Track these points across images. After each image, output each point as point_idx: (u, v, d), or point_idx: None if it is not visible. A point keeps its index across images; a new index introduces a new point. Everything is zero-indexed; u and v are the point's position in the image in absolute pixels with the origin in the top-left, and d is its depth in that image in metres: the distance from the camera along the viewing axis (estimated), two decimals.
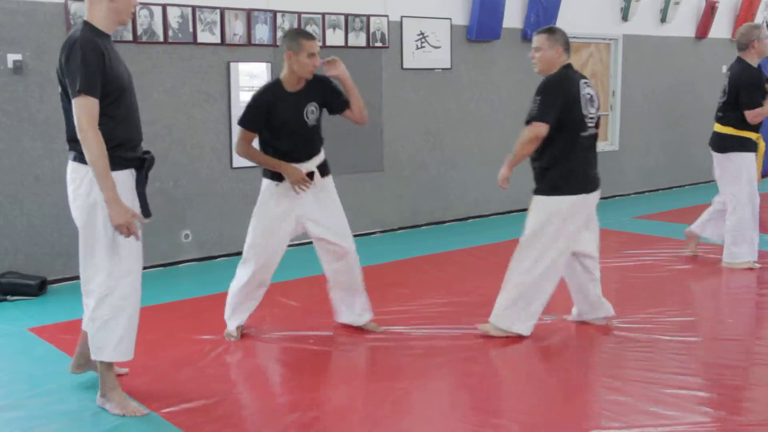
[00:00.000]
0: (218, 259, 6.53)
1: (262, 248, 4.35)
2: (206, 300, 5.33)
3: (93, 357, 3.46)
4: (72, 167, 3.36)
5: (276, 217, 4.32)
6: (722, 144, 5.91)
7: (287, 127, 4.23)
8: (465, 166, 8.19)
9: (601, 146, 9.47)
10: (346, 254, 4.44)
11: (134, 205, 3.39)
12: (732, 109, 5.80)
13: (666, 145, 10.39)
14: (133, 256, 3.43)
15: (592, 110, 4.27)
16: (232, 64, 6.40)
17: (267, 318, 4.85)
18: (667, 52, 10.17)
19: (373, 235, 7.50)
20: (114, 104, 3.29)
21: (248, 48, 6.51)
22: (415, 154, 7.80)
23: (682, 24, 10.26)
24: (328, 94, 4.34)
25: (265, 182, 4.39)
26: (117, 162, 3.28)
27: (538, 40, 4.34)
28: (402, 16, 7.47)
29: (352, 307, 4.58)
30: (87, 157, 3.18)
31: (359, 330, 4.58)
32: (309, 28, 6.78)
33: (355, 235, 7.28)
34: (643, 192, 10.17)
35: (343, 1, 7.05)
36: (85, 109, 3.15)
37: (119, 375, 3.70)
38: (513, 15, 8.31)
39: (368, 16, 7.20)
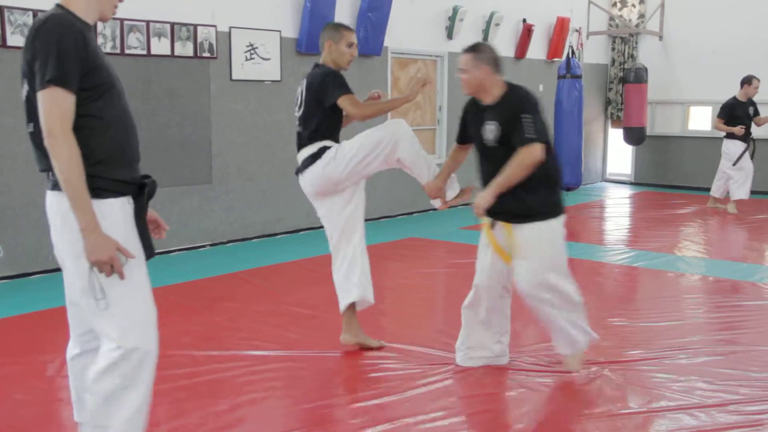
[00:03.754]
0: (33, 276, 6.15)
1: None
2: (19, 320, 5.00)
3: None
4: (52, 198, 2.53)
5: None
6: None
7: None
8: (295, 178, 8.16)
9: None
10: None
11: (128, 243, 2.52)
12: None
13: None
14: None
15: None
16: None
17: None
18: None
19: (202, 249, 7.33)
20: (101, 101, 2.49)
21: None
22: (244, 166, 7.71)
23: (503, 44, 10.80)
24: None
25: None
26: (103, 185, 2.48)
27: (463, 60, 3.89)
28: (231, 27, 7.39)
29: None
30: (58, 171, 2.37)
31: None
32: (132, 36, 6.56)
33: (182, 249, 7.19)
34: (470, 204, 10.54)
35: (168, 9, 6.87)
36: (56, 106, 2.36)
37: None
38: None
39: (195, 26, 7.06)
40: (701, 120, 12.41)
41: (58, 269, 6.11)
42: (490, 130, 3.82)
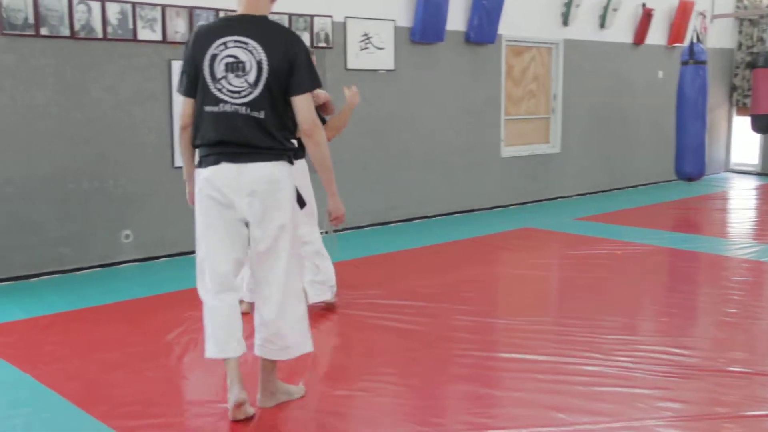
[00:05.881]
0: (160, 259, 6.43)
1: None
2: (146, 301, 5.24)
3: (285, 356, 3.42)
4: (278, 168, 3.26)
5: None
6: None
7: None
8: (408, 167, 8.23)
9: (543, 149, 9.74)
10: None
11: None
12: None
13: (605, 148, 10.60)
14: None
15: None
16: (174, 62, 6.31)
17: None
18: (606, 57, 10.38)
19: None
20: None
21: None
22: (358, 155, 7.79)
23: (620, 30, 10.48)
24: None
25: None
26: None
27: None
28: (346, 17, 7.47)
29: None
30: (319, 154, 3.33)
31: None
32: None
33: None
34: (584, 194, 10.35)
35: (286, 0, 7.00)
36: (312, 105, 3.29)
37: None
38: (456, 18, 8.38)
39: (312, 16, 7.18)
40: None
41: (181, 253, 6.29)
42: None
